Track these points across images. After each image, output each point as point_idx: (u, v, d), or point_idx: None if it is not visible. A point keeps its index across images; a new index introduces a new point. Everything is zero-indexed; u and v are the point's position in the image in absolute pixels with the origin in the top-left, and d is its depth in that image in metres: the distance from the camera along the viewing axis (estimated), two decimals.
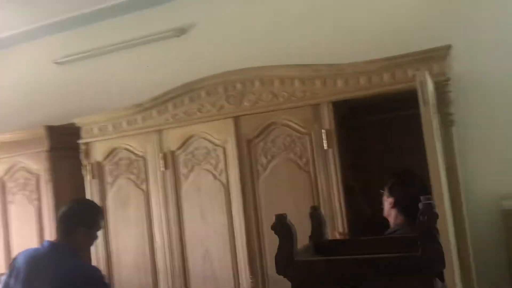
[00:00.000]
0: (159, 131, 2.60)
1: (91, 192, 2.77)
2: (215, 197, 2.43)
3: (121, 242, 2.69)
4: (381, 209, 2.25)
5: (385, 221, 2.22)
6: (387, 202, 2.08)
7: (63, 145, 2.99)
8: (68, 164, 3.01)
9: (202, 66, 2.83)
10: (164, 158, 2.57)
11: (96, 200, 2.74)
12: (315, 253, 1.24)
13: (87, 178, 2.79)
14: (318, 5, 2.73)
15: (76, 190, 2.80)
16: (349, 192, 2.24)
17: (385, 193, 2.10)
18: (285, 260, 0.97)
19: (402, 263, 0.90)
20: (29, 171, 3.00)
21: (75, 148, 3.01)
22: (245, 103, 2.38)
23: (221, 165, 2.43)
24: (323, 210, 2.19)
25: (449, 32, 2.30)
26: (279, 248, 0.98)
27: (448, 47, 1.98)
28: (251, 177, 2.35)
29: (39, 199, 2.96)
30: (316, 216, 1.30)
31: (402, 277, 0.91)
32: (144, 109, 2.62)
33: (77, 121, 2.82)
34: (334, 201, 2.18)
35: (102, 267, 2.69)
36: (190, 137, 2.52)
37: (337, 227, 2.17)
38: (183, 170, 2.53)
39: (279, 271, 0.98)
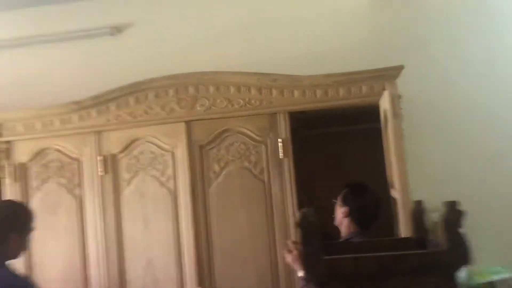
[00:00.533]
0: (99, 133, 2.40)
1: (11, 197, 2.45)
2: (161, 204, 2.31)
3: (47, 253, 2.42)
4: (327, 220, 2.32)
5: (333, 231, 2.30)
6: (340, 211, 2.15)
7: None
8: None
9: (138, 68, 2.72)
10: (104, 161, 2.37)
11: None
12: None
13: (7, 181, 2.47)
14: (273, 14, 2.75)
15: None
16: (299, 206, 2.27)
17: (338, 203, 2.17)
18: (312, 258, 0.95)
19: (432, 258, 0.94)
20: None
21: None
22: (197, 107, 2.30)
23: (169, 171, 2.31)
24: (276, 219, 2.20)
25: (401, 52, 2.48)
26: (305, 245, 0.96)
27: (401, 68, 2.12)
28: (202, 185, 2.27)
29: None
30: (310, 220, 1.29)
31: (428, 273, 0.94)
32: (82, 107, 2.40)
33: None
34: (287, 210, 2.20)
35: None
36: (135, 140, 2.36)
37: (290, 236, 2.18)
38: (125, 175, 2.37)
39: (305, 270, 0.96)
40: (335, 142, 2.60)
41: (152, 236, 2.31)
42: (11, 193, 2.46)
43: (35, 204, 2.44)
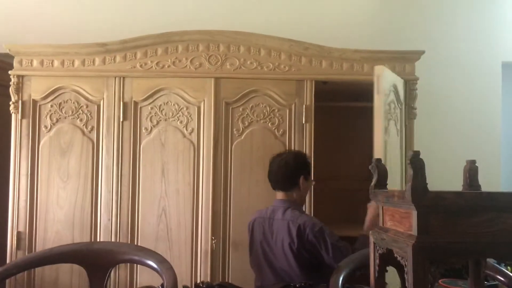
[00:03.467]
0: (122, 78, 2.38)
1: (19, 134, 2.37)
2: (182, 155, 2.36)
3: (53, 194, 2.37)
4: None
5: None
6: None
7: None
8: None
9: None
10: (124, 108, 2.37)
11: (26, 144, 2.37)
12: None
13: (16, 117, 2.38)
14: None
15: None
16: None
17: None
18: (421, 190, 1.11)
19: None
20: None
21: None
22: (227, 65, 2.37)
23: (193, 124, 2.36)
24: None
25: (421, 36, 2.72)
26: (414, 178, 1.12)
27: (421, 52, 2.34)
28: (225, 140, 2.35)
29: None
30: (381, 168, 1.46)
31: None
32: (107, 50, 2.37)
33: (9, 47, 2.38)
34: None
35: (22, 219, 2.35)
36: (159, 90, 2.38)
37: None
38: (146, 123, 2.38)
39: (414, 200, 1.11)
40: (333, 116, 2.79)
41: (170, 185, 2.35)
42: (19, 130, 2.37)
43: (44, 144, 2.39)
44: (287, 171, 1.94)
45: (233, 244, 2.33)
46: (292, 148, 2.35)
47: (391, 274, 1.48)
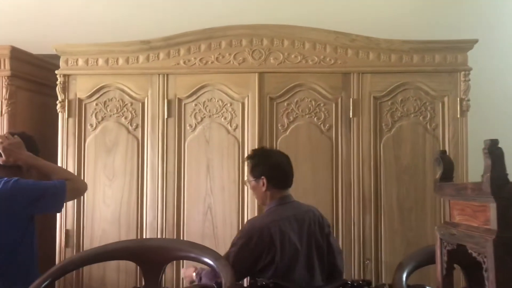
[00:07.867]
0: (166, 75, 2.37)
1: (66, 133, 2.39)
2: (226, 152, 2.33)
3: (99, 193, 2.39)
4: None
5: None
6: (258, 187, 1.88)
7: (26, 76, 2.54)
8: (27, 99, 2.56)
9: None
10: (169, 105, 2.36)
11: (72, 142, 2.39)
12: None
13: (63, 116, 2.40)
14: None
15: (36, 131, 2.34)
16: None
17: (250, 180, 1.91)
18: (500, 180, 1.03)
19: None
20: None
21: (40, 83, 2.62)
22: (271, 60, 2.33)
23: (237, 120, 2.33)
24: (341, 177, 2.28)
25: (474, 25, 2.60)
26: (493, 169, 1.04)
27: (475, 41, 2.23)
28: (270, 136, 2.31)
29: None
30: (446, 160, 1.38)
31: None
32: (151, 48, 2.36)
33: (56, 47, 2.40)
34: (353, 168, 2.27)
35: (70, 218, 2.37)
36: (203, 86, 2.36)
37: (353, 194, 2.27)
38: (190, 120, 2.36)
39: (493, 191, 1.03)
40: None
41: (215, 182, 2.33)
42: (65, 128, 2.39)
43: (90, 142, 2.40)
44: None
45: None
46: (339, 143, 2.29)
47: None
